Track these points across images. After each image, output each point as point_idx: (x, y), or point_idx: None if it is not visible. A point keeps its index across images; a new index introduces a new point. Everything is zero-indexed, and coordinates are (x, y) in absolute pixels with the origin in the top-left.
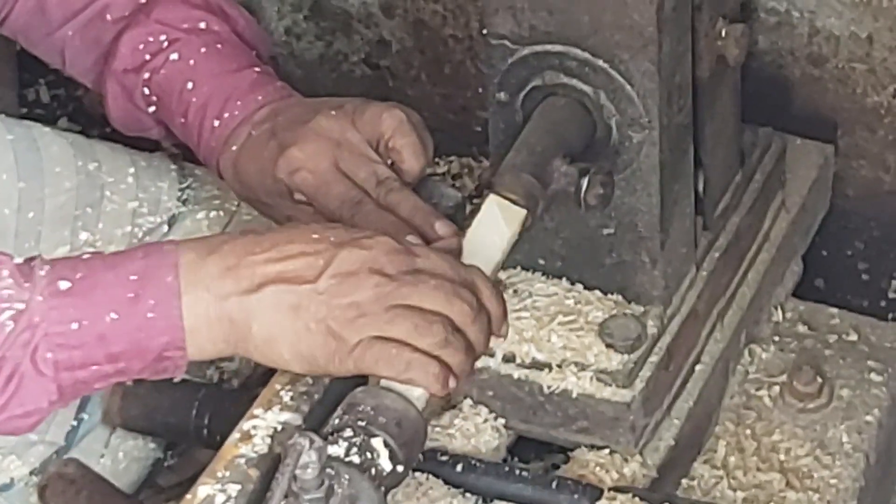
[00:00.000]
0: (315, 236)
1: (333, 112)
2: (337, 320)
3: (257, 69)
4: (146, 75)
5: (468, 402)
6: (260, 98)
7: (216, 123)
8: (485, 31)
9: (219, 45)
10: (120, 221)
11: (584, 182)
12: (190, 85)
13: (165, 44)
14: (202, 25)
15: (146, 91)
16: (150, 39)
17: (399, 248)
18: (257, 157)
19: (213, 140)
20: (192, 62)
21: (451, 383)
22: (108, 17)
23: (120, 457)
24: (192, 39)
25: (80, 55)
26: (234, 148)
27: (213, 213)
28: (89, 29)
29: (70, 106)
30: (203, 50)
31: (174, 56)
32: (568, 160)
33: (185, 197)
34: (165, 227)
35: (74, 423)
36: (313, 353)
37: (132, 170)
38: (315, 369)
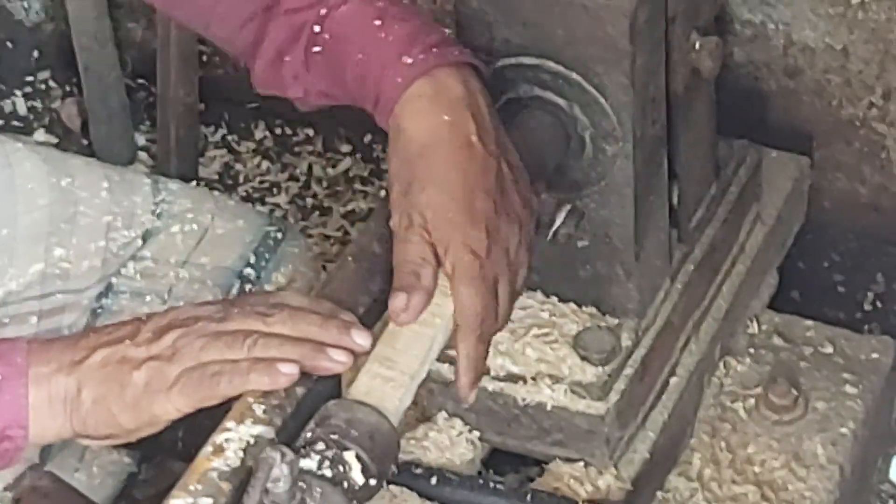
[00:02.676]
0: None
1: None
2: (156, 359)
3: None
4: (322, 11)
5: (443, 414)
6: (457, 53)
7: (408, 60)
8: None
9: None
10: (94, 236)
11: (560, 216)
12: (378, 22)
13: None
14: None
15: (317, 28)
16: None
17: (214, 303)
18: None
19: (401, 75)
20: (379, 4)
21: (286, 370)
22: None
23: (95, 471)
24: None
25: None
26: (419, 98)
27: (187, 227)
28: None
29: (46, 117)
30: (389, 2)
31: None
32: (546, 187)
33: (159, 211)
34: (140, 242)
35: None
36: (137, 399)
37: (106, 184)
38: (144, 417)
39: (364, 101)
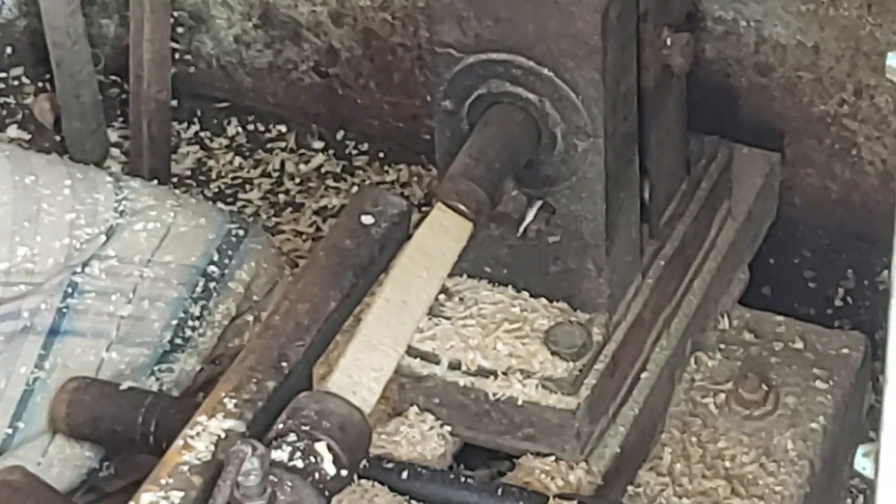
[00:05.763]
0: None
1: None
2: None
3: None
4: None
5: (414, 409)
6: None
7: None
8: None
9: None
10: (57, 234)
11: (530, 214)
12: None
13: None
14: None
15: None
16: None
17: None
18: None
19: None
20: None
21: None
22: None
23: (55, 463)
24: None
25: None
26: None
27: (150, 225)
28: None
29: (19, 113)
30: None
31: None
32: (517, 183)
33: (121, 208)
34: (103, 238)
35: (10, 430)
36: None
37: (68, 181)
38: None
39: None
